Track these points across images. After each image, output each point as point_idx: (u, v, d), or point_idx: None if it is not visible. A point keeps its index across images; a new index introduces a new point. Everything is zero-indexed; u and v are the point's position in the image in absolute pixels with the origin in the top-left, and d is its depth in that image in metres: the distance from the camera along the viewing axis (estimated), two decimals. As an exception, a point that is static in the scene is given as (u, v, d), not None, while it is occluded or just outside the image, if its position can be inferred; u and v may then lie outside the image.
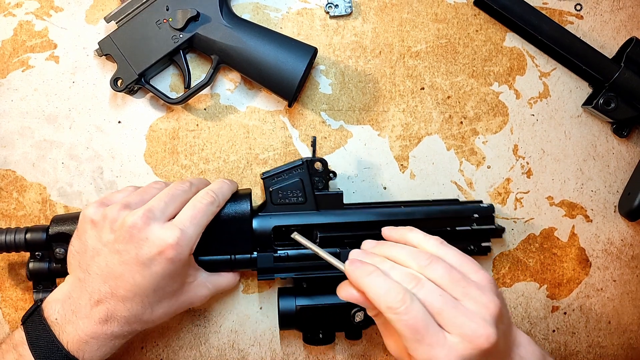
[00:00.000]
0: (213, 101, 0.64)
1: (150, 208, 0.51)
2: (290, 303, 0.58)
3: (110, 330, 0.50)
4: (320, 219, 0.59)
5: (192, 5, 0.59)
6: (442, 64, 0.65)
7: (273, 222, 0.58)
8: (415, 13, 0.65)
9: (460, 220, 0.60)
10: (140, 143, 0.64)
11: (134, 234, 0.50)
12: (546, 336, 0.66)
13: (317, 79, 0.65)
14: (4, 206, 0.63)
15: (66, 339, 0.50)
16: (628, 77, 0.61)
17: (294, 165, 0.59)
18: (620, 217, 0.66)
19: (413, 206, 0.61)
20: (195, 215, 0.52)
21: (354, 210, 0.60)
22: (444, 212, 0.60)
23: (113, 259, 0.50)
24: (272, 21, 0.64)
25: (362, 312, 0.57)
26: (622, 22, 0.66)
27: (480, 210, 0.60)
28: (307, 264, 0.58)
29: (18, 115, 0.63)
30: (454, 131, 0.65)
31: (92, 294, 0.50)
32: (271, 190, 0.59)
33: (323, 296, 0.58)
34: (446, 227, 0.60)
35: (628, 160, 0.66)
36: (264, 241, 0.58)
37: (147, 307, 0.51)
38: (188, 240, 0.51)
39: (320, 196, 0.59)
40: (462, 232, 0.60)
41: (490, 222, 0.61)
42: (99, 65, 0.64)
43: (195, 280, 0.56)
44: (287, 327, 0.59)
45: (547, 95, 0.66)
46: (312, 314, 0.58)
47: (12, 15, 0.63)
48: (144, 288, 0.50)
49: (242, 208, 0.57)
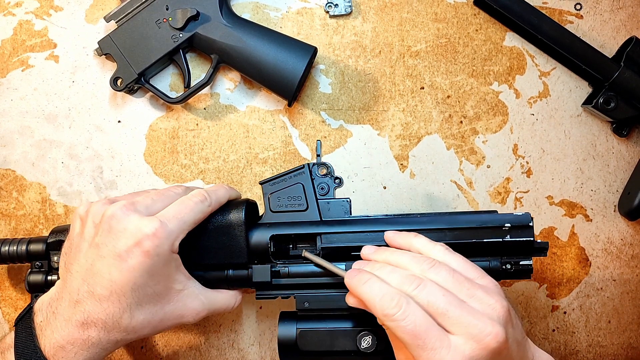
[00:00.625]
0: (213, 101, 0.64)
1: (133, 201, 0.49)
2: (290, 328, 0.52)
3: (87, 335, 0.47)
4: (323, 228, 0.53)
5: (192, 5, 0.59)
6: (442, 63, 0.65)
7: (270, 231, 0.52)
8: (415, 12, 0.65)
9: (489, 231, 0.50)
10: (140, 142, 0.64)
11: (112, 225, 0.47)
12: (546, 336, 0.66)
13: (317, 78, 0.65)
14: (3, 206, 0.63)
15: (44, 342, 0.47)
16: (628, 77, 0.61)
17: (295, 170, 0.54)
18: (620, 216, 0.66)
19: (432, 216, 0.53)
20: (180, 210, 0.49)
21: (363, 220, 0.53)
22: (468, 221, 0.51)
23: (92, 254, 0.48)
24: (272, 20, 0.64)
25: (369, 336, 0.50)
26: (622, 22, 0.66)
27: (514, 220, 0.50)
28: (310, 280, 0.52)
29: (18, 114, 0.63)
30: (453, 130, 0.65)
31: (71, 294, 0.48)
32: (269, 197, 0.54)
33: (327, 320, 0.52)
34: (472, 238, 0.51)
35: (628, 159, 0.66)
36: (261, 253, 0.53)
37: (125, 309, 0.47)
38: (168, 234, 0.47)
39: (325, 203, 0.54)
40: (492, 244, 0.50)
41: (527, 233, 0.50)
42: (99, 65, 0.64)
43: (185, 289, 0.51)
44: (287, 357, 0.52)
45: (546, 94, 0.66)
46: (314, 338, 0.51)
47: (12, 14, 0.63)
48: (121, 285, 0.47)
49: (236, 215, 0.52)
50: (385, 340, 0.48)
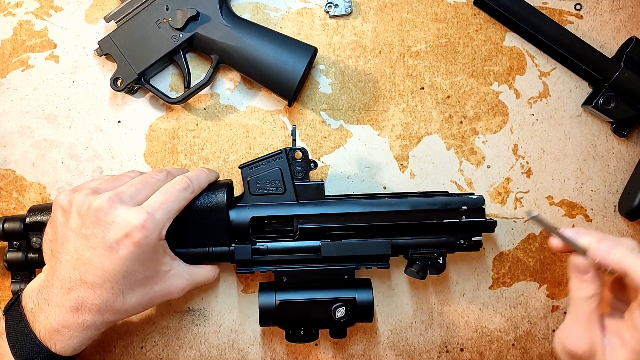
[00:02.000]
0: (213, 101, 0.64)
1: (118, 192, 0.50)
2: (270, 298, 0.57)
3: (82, 319, 0.49)
4: (300, 210, 0.57)
5: (192, 5, 0.59)
6: (442, 63, 0.65)
7: (251, 213, 0.57)
8: (415, 13, 0.65)
9: (448, 213, 0.57)
10: (140, 142, 0.64)
11: (100, 218, 0.49)
12: (546, 336, 0.66)
13: (317, 78, 0.65)
14: (3, 206, 0.63)
15: (39, 328, 0.49)
16: (628, 77, 0.61)
17: (273, 155, 0.57)
18: (620, 216, 0.66)
19: (398, 197, 0.58)
20: (166, 200, 0.51)
21: (336, 201, 0.58)
22: (430, 203, 0.57)
23: (81, 244, 0.49)
24: (272, 21, 0.64)
25: (343, 307, 0.56)
26: (622, 22, 0.66)
27: (470, 202, 0.57)
28: (287, 257, 0.57)
29: (18, 114, 0.63)
30: (453, 131, 0.65)
31: (63, 281, 0.49)
32: (249, 180, 0.57)
33: (304, 291, 0.57)
34: (433, 219, 0.57)
35: (628, 159, 0.66)
36: (242, 233, 0.57)
37: (118, 294, 0.50)
38: (156, 224, 0.50)
39: (301, 186, 0.58)
40: (450, 224, 0.57)
41: (480, 214, 0.58)
42: (99, 65, 0.64)
43: (171, 269, 0.54)
44: (267, 323, 0.57)
45: (547, 94, 0.66)
46: (292, 309, 0.56)
47: (12, 15, 0.63)
48: (113, 273, 0.49)
49: (218, 198, 0.56)
50: (356, 310, 0.56)
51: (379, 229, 0.57)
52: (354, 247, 0.57)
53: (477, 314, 0.65)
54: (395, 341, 0.65)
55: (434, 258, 0.58)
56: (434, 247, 0.58)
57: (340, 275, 0.58)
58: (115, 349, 0.64)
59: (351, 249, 0.57)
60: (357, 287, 0.58)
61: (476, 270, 0.65)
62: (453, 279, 0.65)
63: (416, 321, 0.65)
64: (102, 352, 0.63)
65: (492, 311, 0.66)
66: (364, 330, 0.65)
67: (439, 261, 0.58)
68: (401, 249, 0.58)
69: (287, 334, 0.58)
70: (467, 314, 0.66)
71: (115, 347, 0.64)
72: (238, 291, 0.64)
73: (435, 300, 0.65)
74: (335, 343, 0.65)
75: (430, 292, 0.65)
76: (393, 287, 0.65)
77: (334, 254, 0.57)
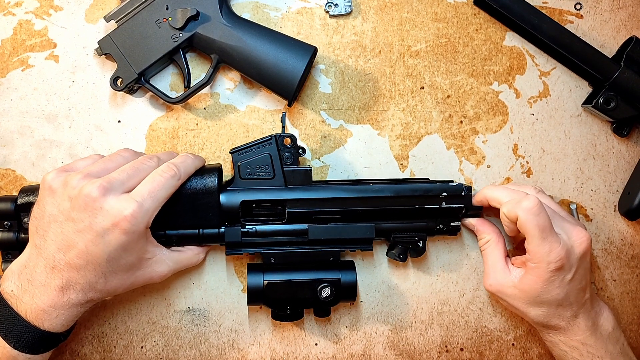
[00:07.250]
0: (213, 100, 0.64)
1: (110, 179, 0.51)
2: (258, 279, 0.58)
3: (67, 298, 0.51)
4: (288, 194, 0.59)
5: (192, 5, 0.59)
6: (442, 63, 0.65)
7: (241, 196, 0.58)
8: (415, 12, 0.65)
9: (429, 199, 0.60)
10: (140, 142, 0.64)
11: (88, 203, 0.50)
12: (546, 335, 0.66)
13: (316, 78, 0.65)
14: (3, 205, 0.63)
15: (24, 309, 0.50)
16: (628, 77, 0.61)
17: (263, 140, 0.59)
18: (620, 216, 0.66)
19: (382, 184, 0.60)
20: (154, 188, 0.52)
21: (323, 186, 0.60)
22: (412, 190, 0.60)
23: (68, 226, 0.50)
24: (272, 20, 0.64)
25: (328, 288, 0.58)
26: (622, 22, 0.66)
27: (449, 189, 0.60)
28: (275, 239, 0.59)
29: (18, 114, 0.63)
30: (453, 130, 0.65)
31: (47, 260, 0.50)
32: (239, 165, 0.59)
33: (290, 272, 0.59)
34: (415, 205, 0.60)
35: (628, 159, 0.66)
36: (231, 216, 0.58)
37: (100, 276, 0.51)
38: (144, 214, 0.51)
39: (289, 172, 0.59)
40: (431, 210, 0.60)
41: (459, 201, 0.60)
42: (99, 65, 0.64)
43: (153, 257, 0.55)
44: (255, 302, 0.59)
45: (547, 94, 0.66)
46: (280, 289, 0.58)
47: (12, 14, 0.63)
48: (97, 257, 0.50)
49: (210, 182, 0.58)
50: (340, 290, 0.59)
51: (363, 213, 0.60)
52: (340, 231, 0.60)
53: (477, 314, 0.65)
54: (395, 341, 0.65)
55: (414, 242, 0.61)
56: (415, 231, 0.61)
57: (326, 257, 0.60)
58: (115, 349, 0.64)
59: (337, 232, 0.60)
60: (342, 268, 0.60)
61: (476, 270, 0.65)
62: (453, 278, 0.65)
63: (416, 321, 0.65)
64: (102, 352, 0.63)
65: (492, 311, 0.66)
66: (364, 330, 0.65)
67: (419, 244, 0.61)
68: (384, 232, 0.61)
69: (273, 312, 0.60)
70: (467, 314, 0.66)
71: (115, 347, 0.64)
72: (238, 291, 0.64)
73: (435, 300, 0.65)
74: (335, 343, 0.65)
75: (430, 292, 0.65)
76: (393, 286, 0.65)
77: (320, 237, 0.59)
